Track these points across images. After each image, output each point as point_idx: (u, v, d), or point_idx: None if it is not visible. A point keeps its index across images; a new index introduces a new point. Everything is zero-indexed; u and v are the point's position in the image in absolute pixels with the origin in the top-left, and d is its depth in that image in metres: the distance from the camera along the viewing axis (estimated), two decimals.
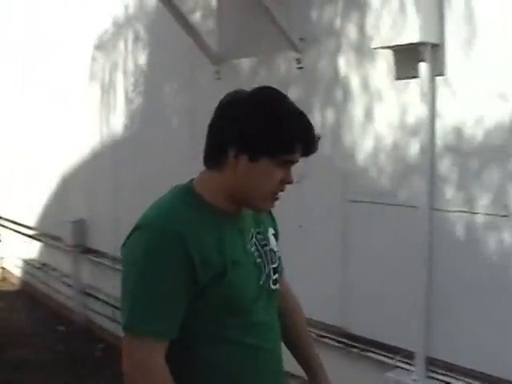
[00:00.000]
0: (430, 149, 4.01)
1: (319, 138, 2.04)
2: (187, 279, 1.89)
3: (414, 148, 4.12)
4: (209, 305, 1.95)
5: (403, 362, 4.28)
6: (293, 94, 4.97)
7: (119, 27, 7.51)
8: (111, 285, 7.25)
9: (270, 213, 2.36)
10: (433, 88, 3.99)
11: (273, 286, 2.16)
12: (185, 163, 6.34)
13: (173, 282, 1.89)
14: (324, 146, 4.68)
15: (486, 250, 3.80)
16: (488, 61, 3.75)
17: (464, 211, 3.87)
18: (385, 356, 4.39)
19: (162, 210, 2.00)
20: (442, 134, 3.99)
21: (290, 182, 2.04)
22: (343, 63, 4.61)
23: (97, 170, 8.25)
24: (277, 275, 2.19)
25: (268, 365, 2.10)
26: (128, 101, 7.42)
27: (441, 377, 4.08)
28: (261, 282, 2.09)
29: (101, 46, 7.96)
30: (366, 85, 4.41)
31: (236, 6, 5.55)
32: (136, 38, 7.18)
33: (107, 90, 7.87)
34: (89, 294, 8.53)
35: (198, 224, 1.95)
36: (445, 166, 3.98)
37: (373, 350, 4.49)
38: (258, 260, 2.11)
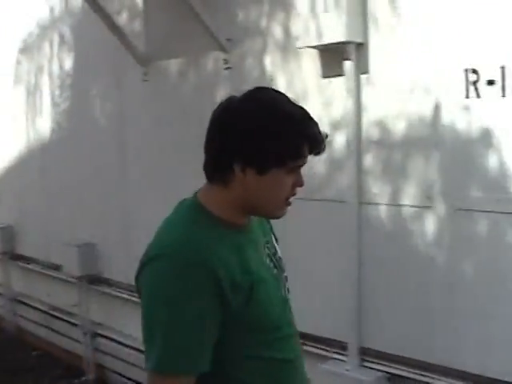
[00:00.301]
0: (356, 145, 4.13)
1: (327, 136, 1.90)
2: (218, 307, 1.75)
3: (341, 144, 4.24)
4: (239, 327, 1.81)
5: (337, 353, 4.39)
6: (221, 95, 5.04)
7: (44, 29, 7.41)
8: (44, 291, 7.16)
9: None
10: (358, 85, 4.11)
11: (288, 296, 2.04)
12: (114, 166, 6.35)
13: (205, 315, 1.74)
14: None
15: (413, 240, 3.94)
16: (410, 57, 3.90)
17: (391, 204, 4.00)
18: (319, 348, 4.50)
19: (179, 235, 1.80)
20: (367, 130, 4.12)
21: (301, 185, 1.89)
22: (270, 63, 4.69)
23: (24, 175, 8.11)
24: (287, 283, 2.08)
25: (294, 375, 1.98)
26: (54, 104, 7.33)
27: (373, 365, 4.21)
28: (283, 294, 2.00)
29: (25, 49, 7.84)
30: (292, 84, 4.50)
31: (163, 7, 5.55)
32: (62, 40, 7.10)
33: (33, 93, 7.76)
34: (20, 302, 8.36)
35: (219, 245, 1.79)
36: (371, 160, 4.12)
37: (307, 343, 4.55)
38: (275, 271, 1.99)
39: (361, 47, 4.09)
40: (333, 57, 4.19)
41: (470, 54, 3.64)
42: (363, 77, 4.10)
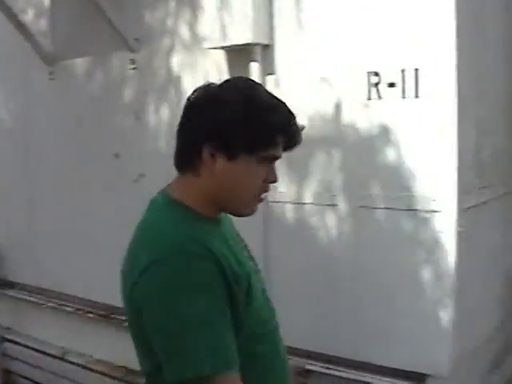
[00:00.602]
0: None
1: (303, 128, 1.81)
2: (228, 300, 1.66)
3: None
4: (237, 322, 1.69)
5: None
6: (128, 94, 5.05)
7: None
8: None
9: None
10: (264, 86, 4.16)
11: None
12: (19, 166, 6.24)
13: (224, 305, 1.64)
14: (160, 144, 4.77)
15: (318, 238, 4.04)
16: (315, 60, 4.01)
17: (296, 202, 4.08)
18: None
19: (171, 235, 1.70)
20: None
21: (274, 181, 1.82)
22: (177, 63, 4.72)
23: None
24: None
25: (282, 368, 1.91)
26: None
27: None
28: (263, 286, 1.93)
29: None
30: (199, 84, 4.50)
31: (70, 6, 5.49)
32: None
33: None
34: None
35: (210, 238, 1.72)
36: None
37: None
38: (251, 263, 1.90)
39: (267, 49, 4.18)
40: (239, 58, 4.25)
41: (372, 57, 3.79)
42: (269, 78, 4.18)
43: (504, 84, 4.68)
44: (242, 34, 4.09)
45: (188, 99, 1.80)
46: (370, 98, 3.81)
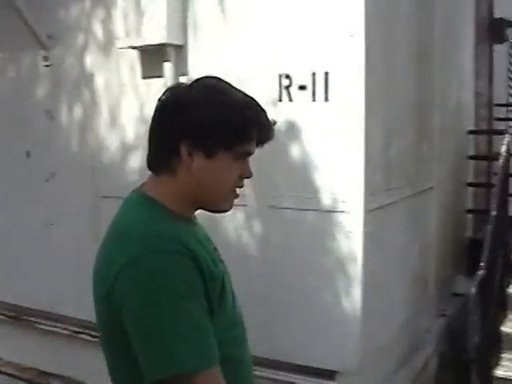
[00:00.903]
0: None
1: (275, 122, 1.84)
2: (205, 297, 1.66)
3: None
4: (214, 324, 1.68)
5: None
6: (41, 92, 4.97)
7: None
8: None
9: None
10: None
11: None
12: None
13: (203, 301, 1.65)
14: (72, 144, 4.72)
15: (227, 238, 4.07)
16: (228, 61, 4.04)
17: None
18: None
19: (150, 232, 1.68)
20: None
21: (249, 176, 1.83)
22: (90, 61, 4.68)
23: None
24: None
25: (248, 373, 1.91)
26: None
27: None
28: (232, 288, 1.92)
29: None
30: (112, 83, 4.51)
31: None
32: None
33: None
34: None
35: (187, 236, 1.71)
36: None
37: None
38: (221, 265, 1.89)
39: (180, 49, 4.18)
40: (153, 58, 4.25)
41: (283, 60, 3.86)
42: (182, 78, 4.18)
43: (412, 86, 4.82)
44: (155, 34, 4.09)
45: (159, 100, 1.79)
46: (281, 100, 3.87)
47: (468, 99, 7.11)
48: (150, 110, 4.25)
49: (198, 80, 1.82)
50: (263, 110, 1.80)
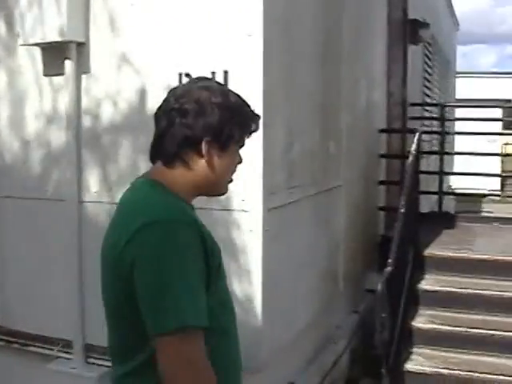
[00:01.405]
0: (76, 144, 4.17)
1: (259, 117, 2.13)
2: (204, 268, 1.87)
3: (61, 143, 4.24)
4: (212, 296, 1.91)
5: (63, 352, 4.37)
6: None
7: None
8: None
9: None
10: (79, 84, 4.15)
11: None
12: None
13: (200, 272, 1.85)
14: None
15: None
16: (130, 59, 4.02)
17: (108, 202, 4.06)
18: (45, 348, 4.45)
19: (163, 203, 1.92)
20: (88, 130, 4.17)
21: (240, 162, 2.11)
22: None
23: None
24: None
25: (237, 347, 2.12)
26: None
27: (99, 361, 4.24)
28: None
29: None
30: (13, 81, 4.42)
31: None
32: None
33: None
34: None
35: (194, 215, 1.97)
36: (89, 159, 4.18)
37: (33, 343, 4.52)
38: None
39: (82, 46, 4.13)
40: (54, 55, 4.18)
41: (183, 58, 3.84)
42: (84, 76, 4.15)
43: (318, 86, 4.87)
44: (55, 32, 4.02)
45: (178, 102, 1.96)
46: None
47: (380, 99, 7.24)
48: (51, 107, 4.23)
49: (201, 81, 2.08)
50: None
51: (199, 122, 1.95)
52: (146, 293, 1.80)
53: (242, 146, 2.09)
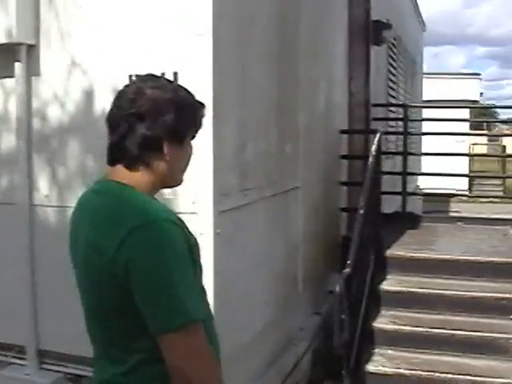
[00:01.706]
0: (26, 147, 4.11)
1: (204, 106, 2.18)
2: (192, 263, 1.95)
3: (12, 146, 4.20)
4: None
5: (17, 358, 4.32)
6: None
7: None
8: None
9: None
10: (29, 87, 4.10)
11: None
12: None
13: (190, 267, 1.92)
14: None
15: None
16: (81, 62, 3.99)
17: (59, 206, 4.02)
18: None
19: (151, 204, 1.98)
20: (38, 132, 4.12)
21: (191, 153, 2.17)
22: None
23: None
24: None
25: (215, 331, 2.17)
26: None
27: (54, 367, 4.21)
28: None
29: None
30: None
31: None
32: None
33: None
34: None
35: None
36: (40, 162, 4.13)
37: None
38: None
39: (32, 49, 4.09)
40: (4, 58, 4.14)
41: (132, 59, 3.82)
42: (34, 78, 4.10)
43: (273, 86, 4.84)
44: (4, 33, 3.99)
45: (134, 106, 1.98)
46: None
47: (341, 99, 7.23)
48: (1, 110, 4.16)
49: (149, 79, 2.11)
50: None
51: (158, 122, 1.99)
52: (148, 293, 1.85)
53: (194, 137, 2.15)
